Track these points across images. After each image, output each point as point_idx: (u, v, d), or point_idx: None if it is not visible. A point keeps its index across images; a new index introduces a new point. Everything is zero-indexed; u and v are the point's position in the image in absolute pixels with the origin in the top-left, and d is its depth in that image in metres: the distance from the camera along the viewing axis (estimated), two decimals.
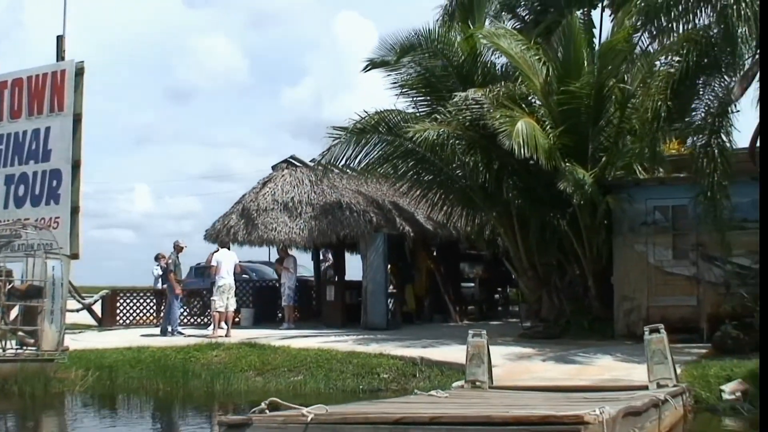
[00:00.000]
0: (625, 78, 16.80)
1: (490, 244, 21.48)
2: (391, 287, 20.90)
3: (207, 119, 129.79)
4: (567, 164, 15.86)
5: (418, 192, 19.53)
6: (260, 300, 22.74)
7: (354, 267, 22.96)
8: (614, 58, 15.88)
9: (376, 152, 18.44)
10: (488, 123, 15.85)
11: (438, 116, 17.01)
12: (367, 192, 21.55)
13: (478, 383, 11.36)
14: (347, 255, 23.55)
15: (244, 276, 25.40)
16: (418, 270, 22.52)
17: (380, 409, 7.82)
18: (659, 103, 14.00)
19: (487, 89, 16.54)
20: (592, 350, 14.53)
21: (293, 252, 22.60)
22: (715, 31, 13.20)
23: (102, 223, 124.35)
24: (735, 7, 12.31)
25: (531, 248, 18.13)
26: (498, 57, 18.18)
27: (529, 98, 17.28)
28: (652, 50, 15.47)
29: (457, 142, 17.12)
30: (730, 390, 11.35)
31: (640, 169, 16.87)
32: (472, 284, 25.43)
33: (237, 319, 21.97)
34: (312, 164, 21.17)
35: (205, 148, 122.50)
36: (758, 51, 12.29)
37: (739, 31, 12.28)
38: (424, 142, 16.55)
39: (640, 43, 15.87)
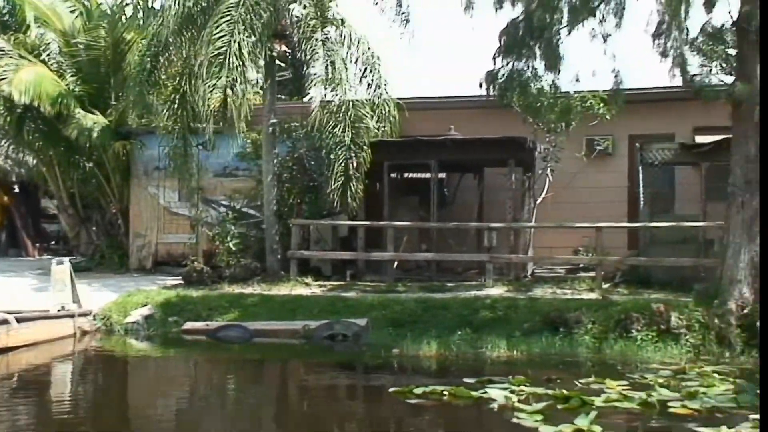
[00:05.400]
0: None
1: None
2: None
3: None
4: (79, 111, 17.13)
5: None
6: None
7: None
8: (123, 16, 17.16)
9: None
10: None
11: None
12: None
13: None
14: None
15: None
16: None
17: None
18: (146, 58, 15.47)
19: (6, 37, 17.37)
20: (88, 282, 15.72)
21: None
22: None
23: None
24: None
25: (70, 187, 19.36)
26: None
27: (55, 47, 18.26)
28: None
29: None
30: (134, 315, 13.14)
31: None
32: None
33: None
34: None
35: None
36: None
37: None
38: None
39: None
